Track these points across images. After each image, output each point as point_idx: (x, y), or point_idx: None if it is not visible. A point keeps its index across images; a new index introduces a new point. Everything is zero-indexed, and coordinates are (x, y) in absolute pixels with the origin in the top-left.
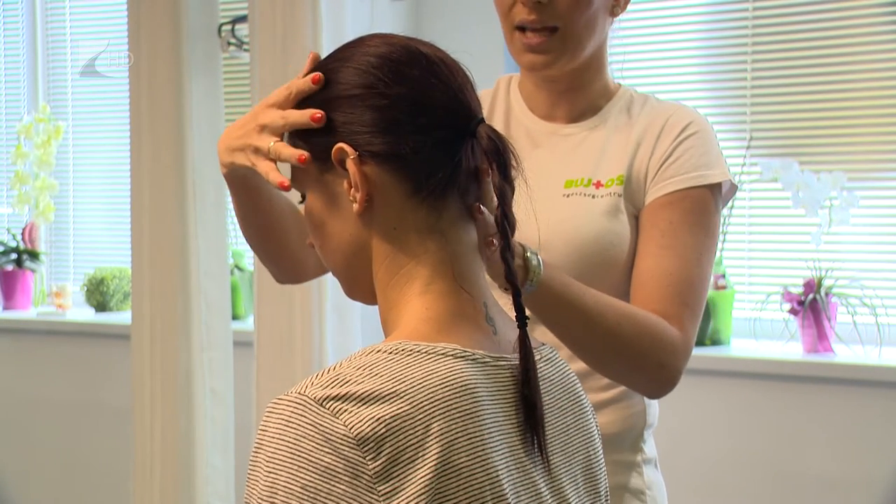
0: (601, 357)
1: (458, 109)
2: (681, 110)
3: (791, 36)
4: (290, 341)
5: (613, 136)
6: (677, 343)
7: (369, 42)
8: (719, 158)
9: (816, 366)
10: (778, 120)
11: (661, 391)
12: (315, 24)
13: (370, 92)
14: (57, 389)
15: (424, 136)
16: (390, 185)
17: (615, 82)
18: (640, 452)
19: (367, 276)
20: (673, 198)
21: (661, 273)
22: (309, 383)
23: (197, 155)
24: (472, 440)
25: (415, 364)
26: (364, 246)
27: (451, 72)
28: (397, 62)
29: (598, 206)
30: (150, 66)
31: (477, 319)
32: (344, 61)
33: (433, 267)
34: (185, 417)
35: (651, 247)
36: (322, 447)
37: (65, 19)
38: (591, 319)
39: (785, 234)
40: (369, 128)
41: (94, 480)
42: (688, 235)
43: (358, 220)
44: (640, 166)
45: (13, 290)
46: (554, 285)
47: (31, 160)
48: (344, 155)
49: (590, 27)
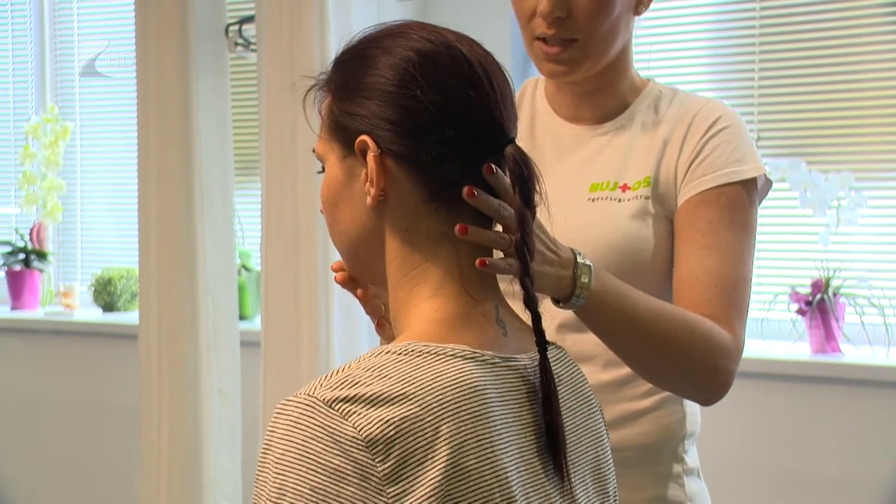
0: (654, 366)
1: (490, 127)
2: (709, 105)
3: (798, 36)
4: (297, 341)
5: (640, 135)
6: (730, 346)
7: (414, 34)
8: (752, 153)
9: (824, 366)
10: (785, 120)
11: (715, 397)
12: (322, 25)
13: (404, 92)
14: (64, 389)
15: (449, 149)
16: (406, 187)
17: (643, 77)
18: (680, 462)
19: (372, 262)
20: (708, 196)
21: (706, 273)
22: (318, 384)
23: (204, 155)
24: (482, 442)
25: (424, 365)
26: (374, 236)
27: (491, 83)
28: (439, 67)
29: (624, 210)
30: (157, 67)
31: (487, 321)
32: (385, 51)
33: (444, 270)
34: (193, 417)
35: (692, 247)
36: (331, 449)
37: (72, 20)
38: (645, 329)
39: (793, 235)
40: (395, 127)
41: (102, 480)
42: (728, 233)
43: (371, 211)
44: (669, 166)
45: (21, 290)
46: (606, 297)
47: (38, 160)
48: (366, 147)
49: (611, 33)
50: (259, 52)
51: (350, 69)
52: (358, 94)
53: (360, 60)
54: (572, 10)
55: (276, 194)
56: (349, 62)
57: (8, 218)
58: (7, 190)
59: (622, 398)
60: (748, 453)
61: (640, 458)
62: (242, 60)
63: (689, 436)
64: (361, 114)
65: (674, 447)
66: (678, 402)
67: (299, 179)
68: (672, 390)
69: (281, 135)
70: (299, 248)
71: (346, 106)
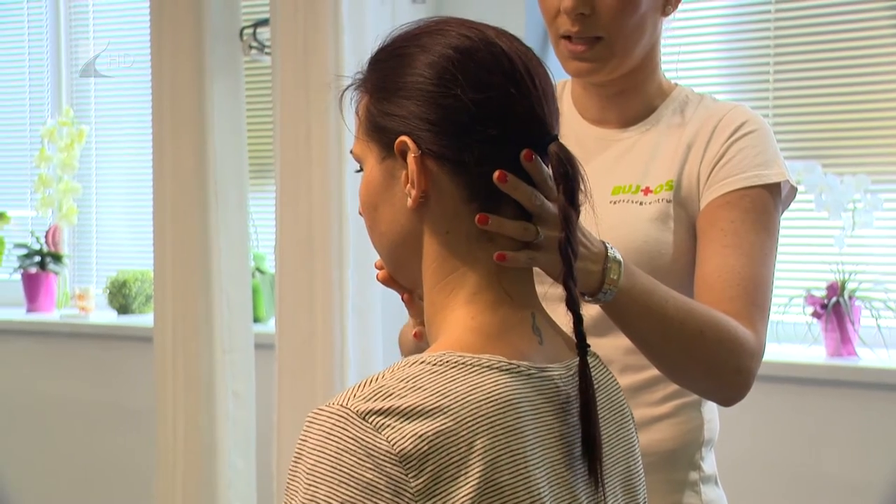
0: (678, 364)
1: (533, 125)
2: (735, 110)
3: (814, 38)
4: (311, 344)
5: (665, 138)
6: (753, 347)
7: (452, 31)
8: (777, 159)
9: (840, 370)
10: (801, 122)
11: (736, 397)
12: (336, 28)
13: (444, 91)
14: (80, 391)
15: (492, 148)
16: (447, 188)
17: (670, 82)
18: (697, 470)
19: (411, 265)
20: (731, 198)
21: (729, 272)
22: (351, 395)
23: (219, 158)
24: (515, 457)
25: (459, 377)
26: (413, 238)
27: (532, 80)
28: (478, 63)
29: (645, 214)
30: (172, 70)
31: (523, 329)
32: (423, 49)
33: (482, 275)
34: (207, 419)
35: (715, 246)
36: (364, 462)
37: (88, 24)
38: (671, 327)
39: (808, 237)
40: (436, 127)
41: (117, 482)
42: (751, 234)
43: (411, 213)
44: (692, 170)
45: (37, 292)
46: (634, 294)
47: (54, 164)
48: (406, 148)
49: (637, 32)
50: (273, 55)
51: (387, 68)
52: (396, 94)
53: (397, 59)
54: (596, 7)
55: (290, 197)
56: (386, 61)
57: (24, 221)
58: (23, 193)
59: (639, 403)
60: (763, 457)
61: (656, 465)
62: (257, 63)
63: (706, 443)
64: (400, 114)
65: (691, 454)
66: (696, 408)
67: (314, 182)
68: (693, 389)
69: (295, 138)
70: (313, 250)
71: (384, 106)
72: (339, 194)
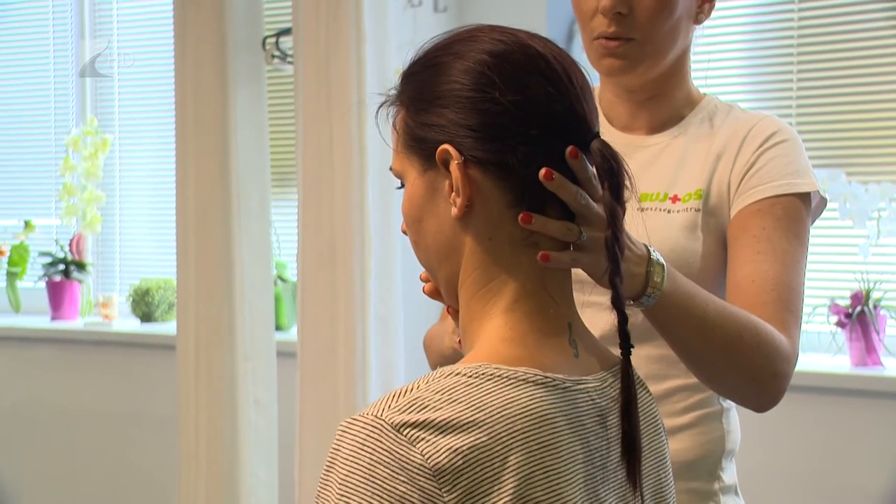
0: (717, 369)
1: (574, 123)
2: (765, 120)
3: (837, 45)
4: (333, 352)
5: (693, 147)
6: (789, 352)
7: (484, 37)
8: (808, 169)
9: (864, 379)
10: (824, 130)
11: (771, 403)
12: (358, 37)
13: (482, 96)
14: (103, 399)
15: (534, 149)
16: (491, 194)
17: (699, 91)
18: (717, 480)
19: (455, 278)
20: (762, 205)
21: (763, 278)
22: (385, 406)
23: (241, 166)
24: (549, 474)
25: (494, 391)
26: (458, 249)
27: (570, 78)
28: (514, 65)
29: (674, 222)
30: (195, 79)
31: (560, 341)
32: (457, 56)
33: (522, 283)
34: (230, 427)
35: (747, 252)
36: (397, 476)
37: (112, 34)
38: (711, 332)
39: (832, 246)
40: (477, 133)
41: (139, 489)
42: (783, 241)
43: (455, 223)
44: (722, 179)
45: (61, 300)
46: (676, 298)
47: (78, 172)
48: (448, 157)
49: (670, 36)
50: (296, 64)
51: (422, 79)
52: (434, 104)
53: (431, 69)
54: (634, 8)
55: (312, 205)
56: (420, 73)
57: (48, 229)
58: (48, 201)
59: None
60: (787, 467)
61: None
62: (279, 72)
63: (727, 454)
64: (439, 123)
65: (712, 465)
66: (717, 419)
67: (336, 190)
68: (729, 394)
69: (318, 146)
70: (336, 258)
71: (421, 117)
72: (362, 202)
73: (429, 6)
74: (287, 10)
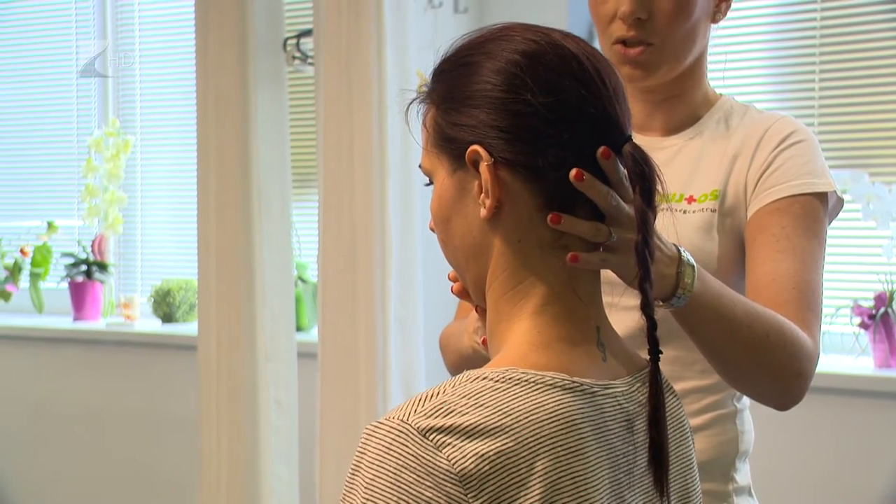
0: (743, 368)
1: (606, 125)
2: (782, 121)
3: (860, 45)
4: (353, 353)
5: (709, 147)
6: (812, 351)
7: (517, 36)
8: (825, 169)
9: (888, 381)
10: (847, 131)
11: (793, 402)
12: (379, 39)
13: (514, 97)
14: (125, 399)
15: (566, 152)
16: (520, 196)
17: (715, 92)
18: (731, 481)
19: (483, 278)
20: (781, 204)
21: (783, 277)
22: (412, 410)
23: (262, 168)
24: (576, 480)
25: (521, 395)
26: (486, 250)
27: (603, 80)
28: (547, 67)
29: (689, 222)
30: (216, 81)
31: (587, 345)
32: (489, 56)
33: (551, 285)
34: (251, 428)
35: (767, 251)
36: (423, 481)
37: (134, 36)
38: (739, 332)
39: (855, 247)
40: (507, 134)
41: (161, 489)
42: (803, 240)
43: (484, 224)
44: (738, 179)
45: (83, 301)
46: (705, 299)
47: (100, 174)
48: (478, 157)
49: (689, 38)
50: (316, 66)
51: (453, 78)
52: (464, 104)
53: (463, 68)
54: (653, 12)
55: (333, 206)
56: (451, 71)
57: (71, 230)
58: (70, 202)
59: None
60: (810, 469)
61: None
62: (300, 74)
63: (741, 455)
64: (470, 124)
65: (725, 466)
66: (731, 420)
67: (356, 191)
68: (753, 394)
69: (338, 147)
70: (356, 259)
71: (452, 117)
72: (382, 203)
73: (449, 7)
74: (308, 11)
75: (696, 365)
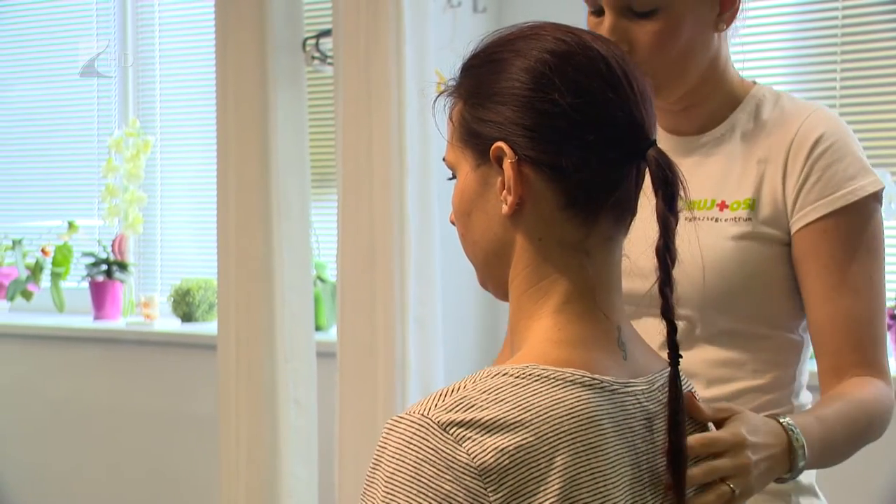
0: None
1: (631, 130)
2: (809, 120)
3: (881, 44)
4: (372, 352)
5: (739, 148)
6: (890, 399)
7: (547, 35)
8: (863, 165)
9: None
10: (869, 129)
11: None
12: (398, 39)
13: (541, 96)
14: (144, 398)
15: (590, 154)
16: (543, 194)
17: (745, 81)
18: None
19: (503, 272)
20: (827, 225)
21: (844, 319)
22: (432, 405)
23: (282, 168)
24: (595, 475)
25: (541, 391)
26: (507, 246)
27: (630, 83)
28: (575, 67)
29: (723, 231)
30: (236, 81)
31: (609, 343)
32: (518, 54)
33: (573, 285)
34: (270, 427)
35: (821, 287)
36: (443, 474)
37: (154, 37)
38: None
39: None
40: (532, 132)
41: (180, 488)
42: (855, 265)
43: (505, 220)
44: (774, 189)
45: (103, 300)
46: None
47: (121, 174)
48: (502, 154)
49: (683, 59)
50: (336, 66)
51: (481, 74)
52: (491, 100)
53: (491, 65)
54: (633, 45)
55: (352, 206)
56: (480, 67)
57: (91, 230)
58: (91, 202)
59: None
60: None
61: None
62: (319, 74)
63: None
64: (496, 120)
65: None
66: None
67: (375, 191)
68: None
69: (357, 147)
70: (375, 259)
71: (478, 112)
72: (401, 203)
73: (468, 7)
74: (327, 11)
75: (747, 365)
